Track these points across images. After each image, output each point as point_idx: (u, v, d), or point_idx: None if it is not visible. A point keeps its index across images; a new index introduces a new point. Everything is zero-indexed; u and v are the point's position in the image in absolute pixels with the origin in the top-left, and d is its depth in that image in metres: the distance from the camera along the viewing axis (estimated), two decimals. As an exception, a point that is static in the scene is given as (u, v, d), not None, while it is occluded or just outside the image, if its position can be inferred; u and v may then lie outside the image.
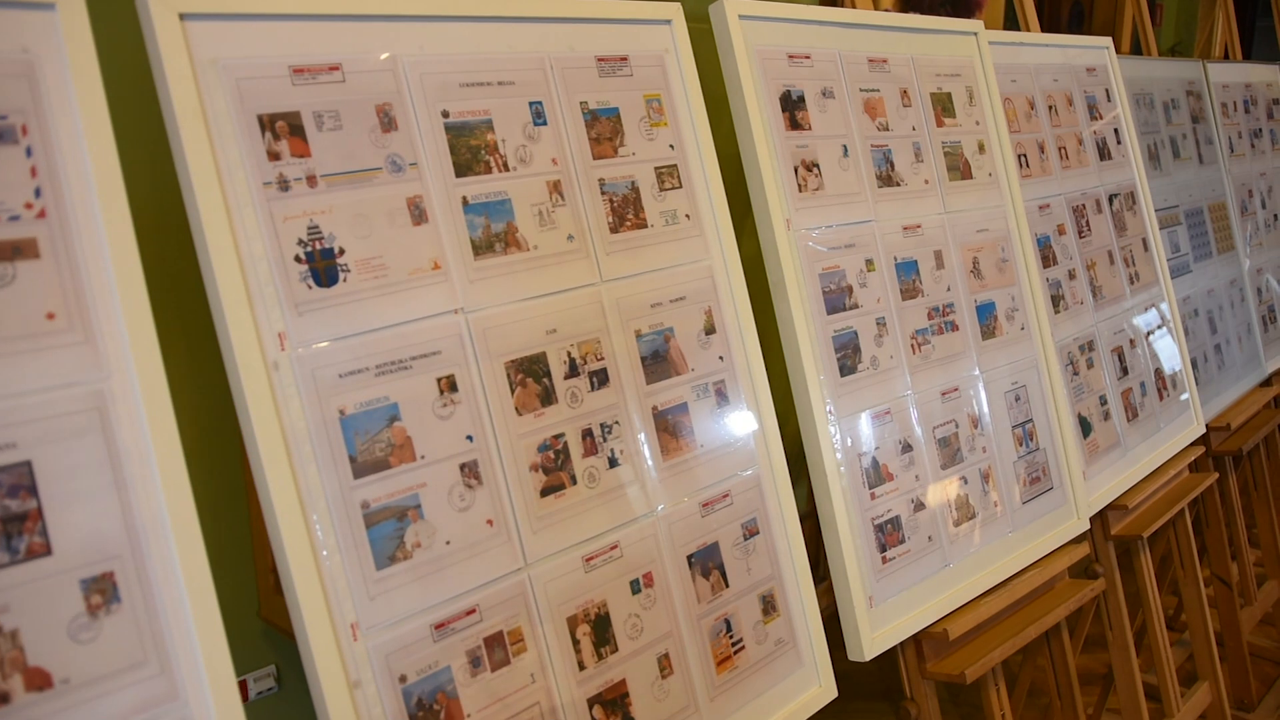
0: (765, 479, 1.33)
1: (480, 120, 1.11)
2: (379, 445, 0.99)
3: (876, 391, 1.51)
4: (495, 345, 1.09)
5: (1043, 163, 2.00)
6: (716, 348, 1.30)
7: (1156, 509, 2.08)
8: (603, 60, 1.24)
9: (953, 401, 1.63)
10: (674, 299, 1.26)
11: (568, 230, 1.17)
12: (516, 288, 1.11)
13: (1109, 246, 2.16)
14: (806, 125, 1.48)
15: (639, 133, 1.26)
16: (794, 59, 1.49)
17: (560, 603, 1.11)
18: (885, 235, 1.57)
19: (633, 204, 1.24)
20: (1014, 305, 1.79)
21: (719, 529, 1.27)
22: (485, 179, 1.11)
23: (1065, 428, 1.84)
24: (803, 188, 1.46)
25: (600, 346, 1.18)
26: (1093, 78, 2.23)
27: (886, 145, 1.61)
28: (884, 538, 1.48)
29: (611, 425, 1.18)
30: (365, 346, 0.99)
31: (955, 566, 1.57)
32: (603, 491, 1.16)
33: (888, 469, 1.50)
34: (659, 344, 1.24)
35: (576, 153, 1.19)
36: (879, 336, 1.53)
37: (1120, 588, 2.01)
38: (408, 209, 1.04)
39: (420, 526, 1.01)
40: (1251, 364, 2.67)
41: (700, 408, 1.27)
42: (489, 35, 1.13)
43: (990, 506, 1.66)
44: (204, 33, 0.93)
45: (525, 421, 1.10)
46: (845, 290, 1.49)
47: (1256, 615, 2.67)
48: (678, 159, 1.30)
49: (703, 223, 1.31)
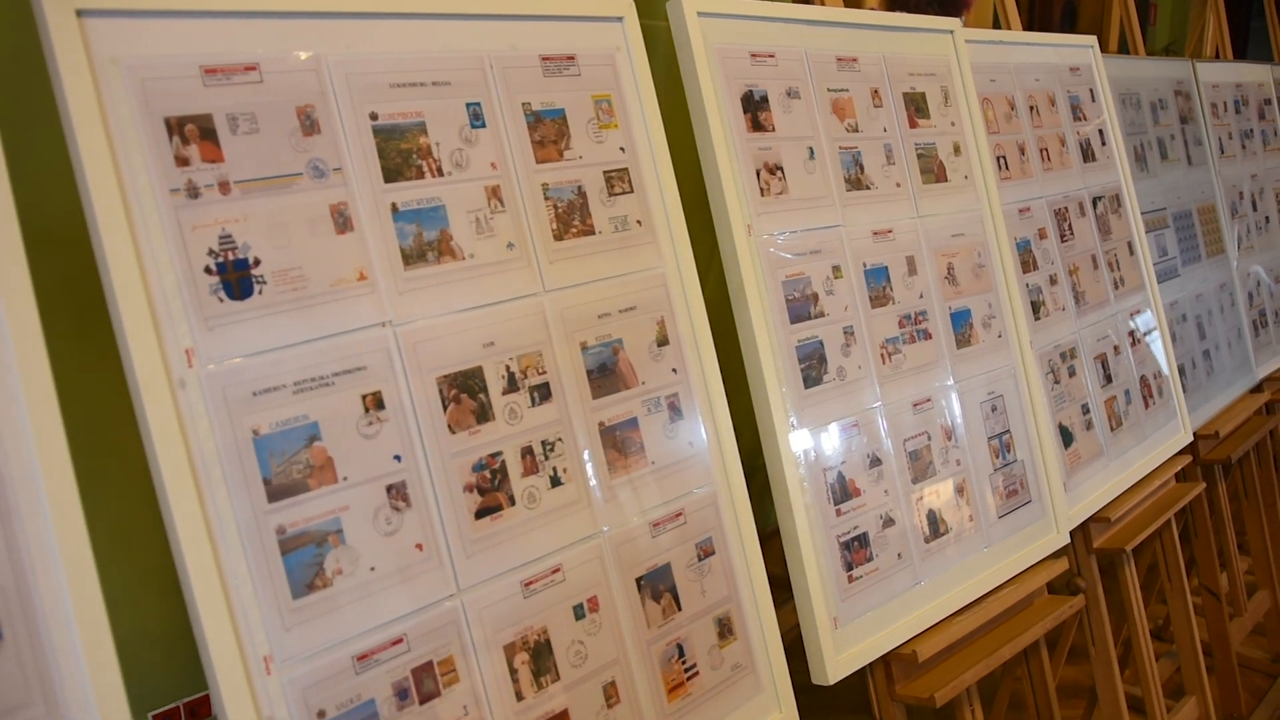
0: (722, 496, 1.28)
1: (412, 123, 1.05)
2: (296, 467, 0.94)
3: (843, 403, 1.45)
4: (427, 359, 1.03)
5: (1023, 165, 1.94)
6: (670, 360, 1.25)
7: (1141, 521, 2.03)
8: (548, 59, 1.18)
9: (925, 413, 1.57)
10: (624, 309, 1.21)
11: (507, 238, 1.11)
12: (451, 299, 1.06)
13: (1092, 250, 2.10)
14: (770, 126, 1.43)
15: (587, 135, 1.20)
16: (757, 58, 1.43)
17: (496, 630, 1.05)
18: (854, 241, 1.52)
19: (579, 210, 1.18)
20: (991, 312, 1.74)
21: (671, 549, 1.22)
22: (417, 184, 1.05)
23: (1045, 438, 1.78)
24: (765, 191, 1.40)
25: (542, 360, 1.12)
26: (1076, 77, 2.17)
27: (856, 147, 1.55)
28: (850, 555, 1.42)
29: (554, 443, 1.12)
30: (282, 362, 0.94)
31: (926, 584, 1.52)
32: (544, 512, 1.10)
33: (855, 484, 1.44)
34: (607, 356, 1.18)
35: (518, 156, 1.13)
36: (846, 346, 1.47)
37: (1103, 601, 1.95)
38: (331, 216, 0.99)
39: (342, 552, 0.95)
40: (1242, 369, 2.62)
41: (651, 423, 1.21)
42: (423, 33, 1.08)
43: (964, 521, 1.60)
44: (105, 30, 0.87)
45: (459, 440, 1.05)
46: (810, 298, 1.43)
47: (1247, 626, 2.61)
48: (629, 162, 1.24)
49: (656, 229, 1.26)
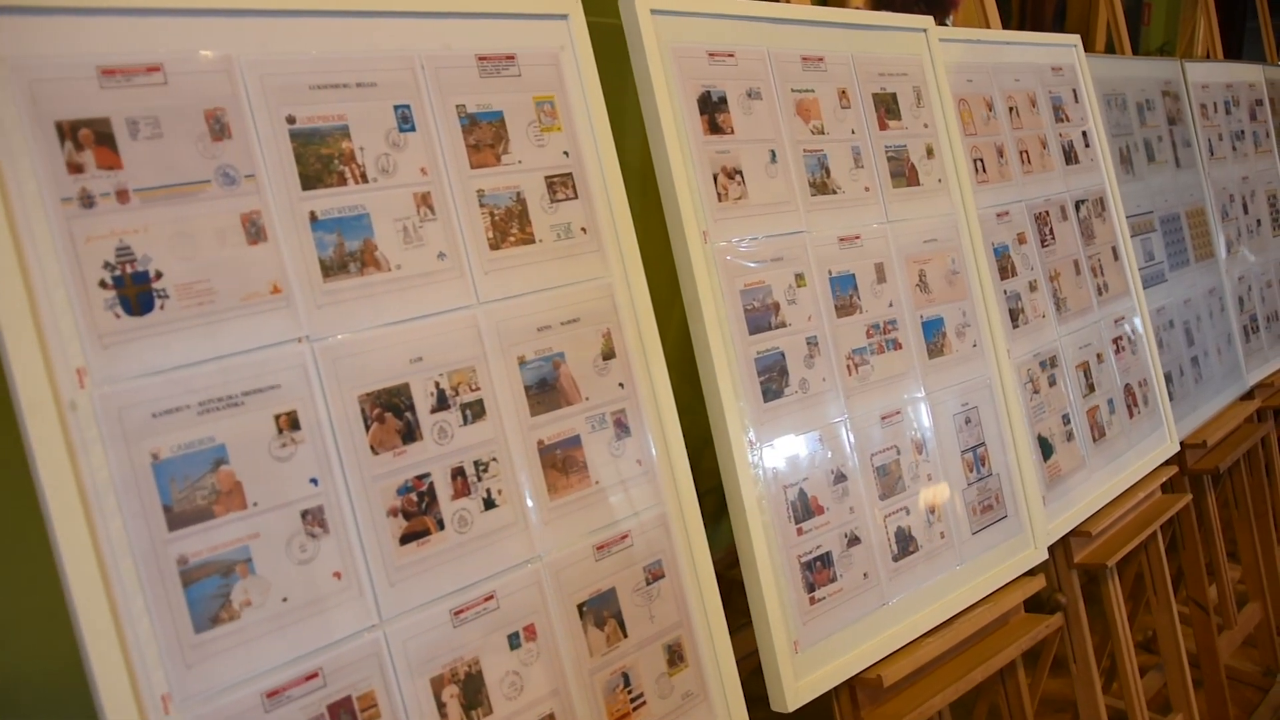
0: (673, 516, 1.22)
1: (333, 126, 1.00)
2: (200, 492, 0.88)
3: (806, 417, 1.39)
4: (347, 377, 0.98)
5: (1001, 167, 1.88)
6: (616, 374, 1.19)
7: (1125, 534, 1.97)
8: (485, 59, 1.12)
9: (894, 426, 1.52)
10: (566, 321, 1.15)
11: (438, 247, 1.06)
12: (374, 312, 1.00)
13: (1075, 255, 2.04)
14: (728, 129, 1.37)
15: (527, 138, 1.15)
16: (715, 57, 1.38)
17: (422, 662, 0.99)
18: (818, 247, 1.46)
19: (518, 217, 1.13)
20: (965, 320, 1.68)
21: (616, 574, 1.16)
22: (338, 191, 0.99)
23: (1022, 451, 1.72)
24: (723, 197, 1.35)
25: (475, 375, 1.07)
26: (1059, 77, 2.11)
27: (821, 150, 1.50)
28: (812, 576, 1.36)
29: (488, 463, 1.06)
30: (186, 381, 0.88)
31: (895, 605, 1.46)
32: (476, 536, 1.05)
33: (818, 501, 1.39)
34: (547, 371, 1.13)
35: (450, 161, 1.08)
36: (810, 357, 1.41)
37: (1084, 618, 1.89)
38: (242, 226, 0.93)
39: (250, 582, 0.90)
40: (1231, 376, 2.55)
41: (595, 441, 1.16)
42: (346, 31, 1.02)
43: (935, 539, 1.54)
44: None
45: (382, 461, 0.99)
46: (771, 308, 1.38)
47: (1237, 639, 2.55)
48: (573, 167, 1.18)
49: (602, 237, 1.20)
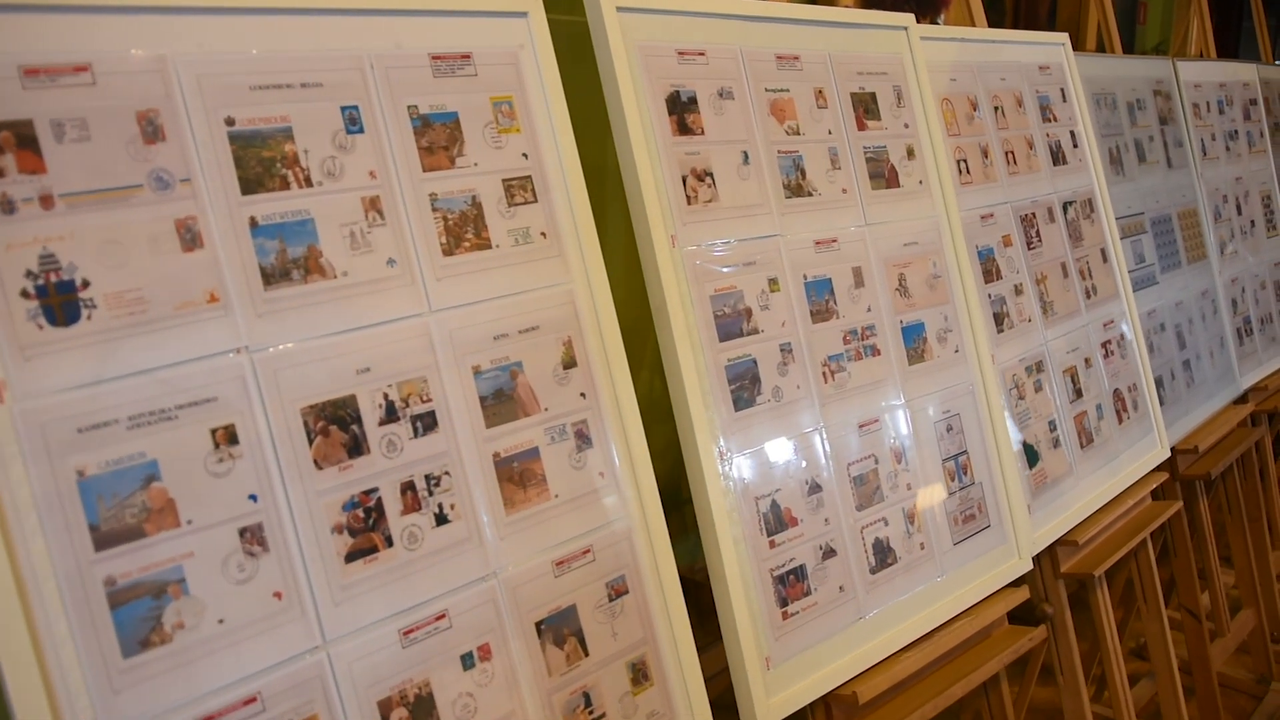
0: (637, 530, 1.18)
1: (276, 128, 0.96)
2: (130, 511, 0.84)
3: (779, 426, 1.35)
4: (290, 388, 0.94)
5: (986, 168, 1.84)
6: (577, 383, 1.15)
7: (1113, 543, 1.93)
8: (439, 58, 1.09)
9: (872, 434, 1.48)
10: (524, 329, 1.11)
11: (387, 253, 1.02)
12: (319, 321, 0.96)
13: (1062, 258, 2.00)
14: (698, 129, 1.33)
15: (483, 140, 1.11)
16: (685, 55, 1.34)
17: (369, 684, 0.96)
18: (793, 251, 1.42)
19: (473, 221, 1.09)
20: (947, 325, 1.64)
21: (577, 590, 1.12)
22: (280, 196, 0.96)
23: (1005, 458, 1.69)
24: (692, 200, 1.31)
25: (427, 386, 1.03)
26: (1046, 76, 2.07)
27: (796, 151, 1.46)
28: (785, 590, 1.32)
29: (439, 476, 1.02)
30: (115, 395, 0.84)
31: (871, 618, 1.42)
32: (427, 553, 1.01)
33: (791, 513, 1.35)
34: (503, 381, 1.09)
35: (401, 164, 1.04)
36: (783, 365, 1.37)
37: (1071, 628, 1.85)
38: (177, 233, 0.89)
39: (184, 604, 0.86)
40: (1224, 380, 2.51)
41: (555, 453, 1.12)
42: (290, 30, 0.98)
43: (915, 550, 1.50)
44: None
45: (327, 476, 0.95)
46: (743, 314, 1.34)
47: (1230, 646, 2.51)
48: (532, 169, 1.15)
49: (563, 242, 1.16)
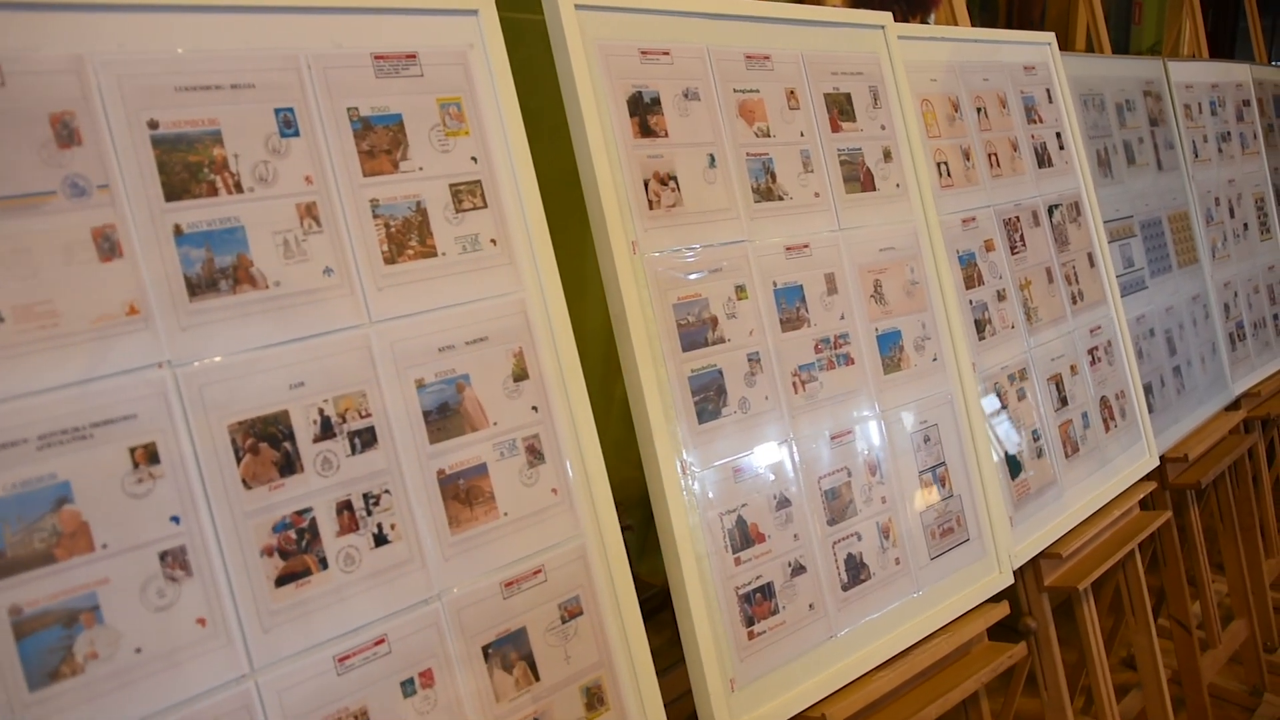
0: (592, 549, 1.13)
1: (203, 132, 0.92)
2: (39, 536, 0.80)
3: (746, 438, 1.31)
4: (216, 404, 0.89)
5: (968, 171, 1.80)
6: (529, 396, 1.10)
7: (1099, 554, 1.88)
8: (381, 58, 1.04)
9: (844, 446, 1.43)
10: (472, 340, 1.07)
11: (324, 262, 0.97)
12: (248, 333, 0.92)
13: (1047, 263, 1.95)
14: (662, 131, 1.29)
15: (429, 144, 1.06)
16: (648, 55, 1.29)
17: (301, 714, 0.91)
18: (762, 257, 1.38)
19: (417, 228, 1.04)
20: (925, 333, 1.59)
21: (527, 612, 1.07)
22: (208, 203, 0.91)
23: (986, 469, 1.64)
24: (654, 204, 1.26)
25: (366, 401, 0.98)
26: (1031, 77, 2.03)
27: (767, 153, 1.41)
28: (751, 609, 1.28)
29: (379, 495, 0.98)
30: (22, 414, 0.80)
31: (843, 637, 1.37)
32: (365, 575, 0.96)
33: (758, 529, 1.30)
34: (449, 395, 1.04)
35: (340, 169, 0.99)
36: (751, 375, 1.33)
37: (1055, 643, 1.81)
38: (93, 241, 0.85)
39: (97, 633, 0.81)
40: (1216, 386, 2.47)
41: (504, 469, 1.07)
42: (219, 28, 0.94)
43: (890, 565, 1.46)
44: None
45: (256, 496, 0.91)
46: (708, 322, 1.29)
47: (1222, 657, 2.46)
48: (482, 174, 1.10)
49: (514, 249, 1.12)
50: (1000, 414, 1.73)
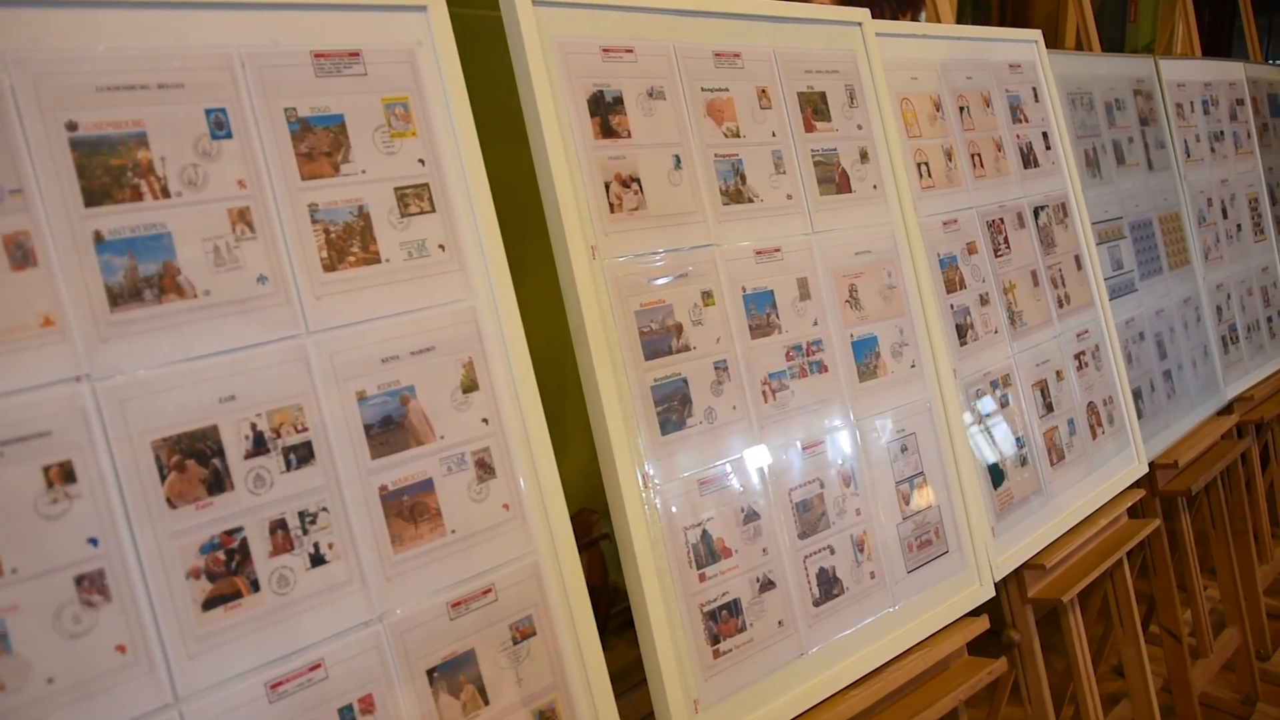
0: (546, 566, 1.09)
1: (127, 134, 0.87)
2: (-58, 561, 0.76)
3: (712, 450, 1.26)
4: (138, 420, 0.85)
5: (949, 172, 1.75)
6: (478, 409, 1.06)
7: (1085, 564, 1.84)
8: (322, 56, 1.00)
9: (817, 457, 1.39)
10: (417, 350, 1.03)
11: (257, 270, 0.93)
12: (175, 345, 0.88)
13: (1032, 266, 1.91)
14: (624, 132, 1.24)
15: (374, 145, 1.02)
16: (610, 53, 1.25)
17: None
18: (730, 261, 1.33)
19: (359, 234, 1.00)
20: (903, 339, 1.55)
21: (476, 633, 1.03)
22: (131, 208, 0.87)
23: (966, 479, 1.59)
24: (616, 207, 1.22)
25: (303, 415, 0.94)
26: (1017, 75, 1.98)
27: (736, 154, 1.37)
28: (717, 626, 1.23)
29: (316, 513, 0.94)
30: (-75, 431, 0.76)
31: (814, 654, 1.33)
32: (300, 598, 0.92)
33: (724, 543, 1.26)
34: (392, 408, 1.00)
35: (276, 172, 0.95)
36: (718, 384, 1.29)
37: (1039, 656, 1.76)
38: (4, 249, 0.80)
39: (4, 663, 0.77)
40: (1208, 390, 2.42)
41: (451, 484, 1.03)
42: (146, 25, 0.89)
43: (864, 579, 1.41)
44: None
45: (182, 515, 0.86)
46: (672, 330, 1.25)
47: (1213, 666, 2.41)
48: (430, 177, 1.06)
49: (464, 255, 1.07)
50: (982, 421, 1.69)
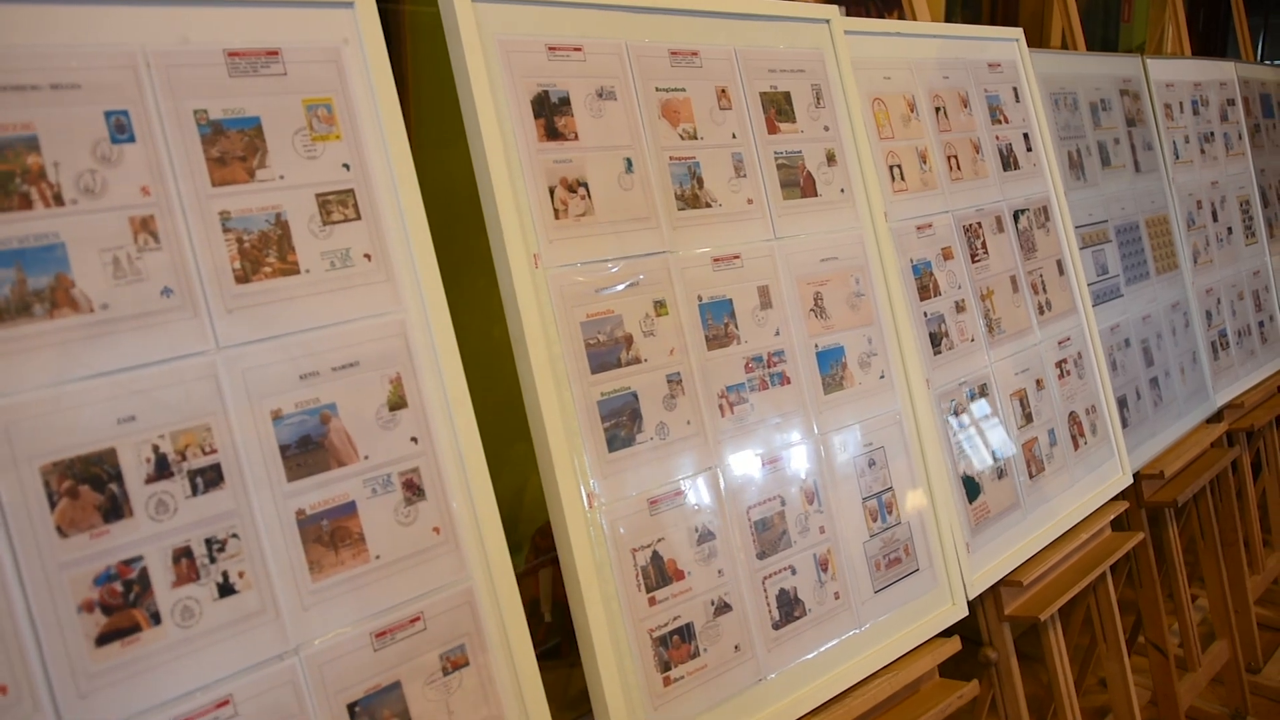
0: (481, 592, 1.04)
1: (15, 138, 0.82)
2: None
3: (663, 467, 1.21)
4: (25, 443, 0.80)
5: (924, 175, 1.70)
6: (407, 427, 1.01)
7: (1065, 580, 1.78)
8: (237, 55, 0.94)
9: (778, 473, 1.33)
10: (340, 366, 0.97)
11: (162, 282, 0.87)
12: (68, 363, 0.82)
13: (1012, 271, 1.85)
14: (571, 134, 1.19)
15: (293, 149, 0.96)
16: (557, 51, 1.19)
17: (125, 790, 0.82)
18: (686, 269, 1.28)
19: (276, 243, 0.94)
20: (871, 349, 1.49)
21: (402, 664, 0.98)
22: (19, 217, 0.81)
23: (939, 493, 1.54)
24: (561, 213, 1.16)
25: (211, 436, 0.88)
26: (997, 75, 1.92)
27: (693, 157, 1.31)
28: (667, 652, 1.18)
29: (224, 540, 0.88)
30: None
31: (774, 680, 1.27)
32: (206, 630, 0.86)
33: (676, 564, 1.20)
34: (311, 427, 0.94)
35: (184, 178, 0.90)
36: (670, 398, 1.23)
37: (1017, 675, 1.71)
38: (-125, 261, 0.75)
39: None
40: (1196, 397, 2.36)
41: (376, 507, 0.97)
42: (37, 21, 0.84)
43: (828, 600, 1.36)
44: None
45: (74, 544, 0.81)
46: (621, 341, 1.19)
47: (1201, 681, 2.36)
48: (355, 182, 1.00)
49: (393, 265, 1.02)
50: (957, 433, 1.63)
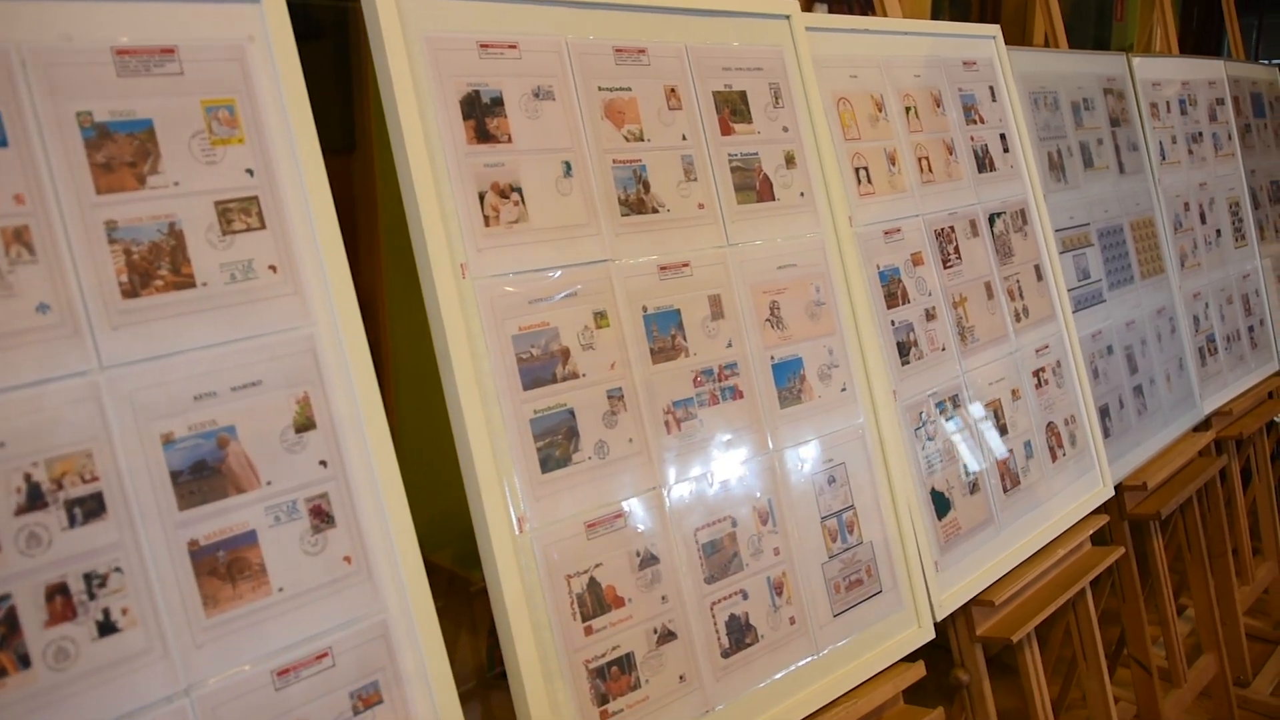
0: (396, 625, 0.97)
1: None
2: None
3: (602, 488, 1.15)
4: (-124, 474, 0.74)
5: (892, 177, 1.63)
6: (315, 449, 0.94)
7: (1041, 598, 1.72)
8: (126, 53, 0.88)
9: (728, 492, 1.27)
10: (240, 385, 0.91)
11: (37, 298, 0.81)
12: (-74, 386, 0.76)
13: (986, 277, 1.79)
14: (504, 136, 1.12)
15: (190, 154, 0.90)
16: (490, 49, 1.13)
17: None
18: (629, 278, 1.21)
19: (169, 255, 0.88)
20: (832, 360, 1.43)
21: (308, 704, 0.91)
22: (-128, 227, 0.75)
23: (904, 511, 1.47)
24: (492, 220, 1.10)
25: (92, 462, 0.82)
26: (972, 73, 1.86)
27: (638, 160, 1.25)
28: (605, 684, 1.12)
29: (106, 575, 0.82)
30: None
31: (722, 711, 1.21)
32: (85, 672, 0.80)
33: (615, 592, 1.14)
34: (207, 451, 0.88)
35: (64, 185, 0.83)
36: (611, 414, 1.17)
37: (989, 698, 1.64)
38: None
39: None
40: (1183, 405, 2.29)
41: (279, 536, 0.91)
42: (-102, 16, 0.78)
43: (783, 625, 1.30)
44: None
45: (-69, 584, 0.75)
46: (557, 355, 1.13)
47: (1187, 697, 2.29)
48: (259, 189, 0.94)
49: (300, 277, 0.95)
50: (925, 446, 1.57)
